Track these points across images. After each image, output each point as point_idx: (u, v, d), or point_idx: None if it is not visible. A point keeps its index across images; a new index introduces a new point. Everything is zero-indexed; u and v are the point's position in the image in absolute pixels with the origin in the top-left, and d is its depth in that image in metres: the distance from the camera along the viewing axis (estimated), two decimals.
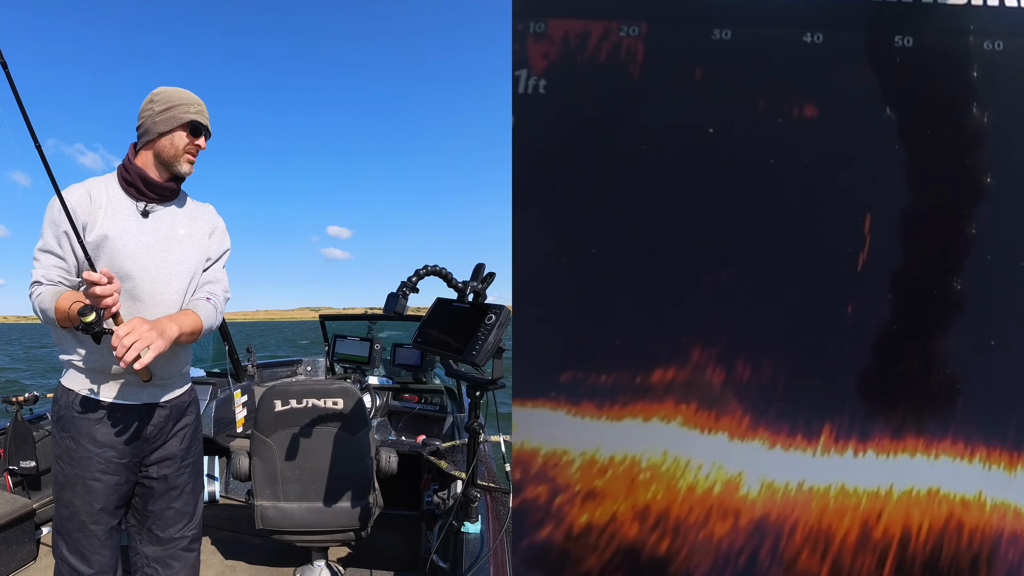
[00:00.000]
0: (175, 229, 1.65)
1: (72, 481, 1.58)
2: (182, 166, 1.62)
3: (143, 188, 1.60)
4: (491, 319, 1.36)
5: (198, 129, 1.62)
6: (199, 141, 1.63)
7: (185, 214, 1.70)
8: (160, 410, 1.67)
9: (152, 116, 1.60)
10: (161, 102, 1.60)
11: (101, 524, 1.61)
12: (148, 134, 1.61)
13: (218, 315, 1.69)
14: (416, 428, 3.40)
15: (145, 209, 1.61)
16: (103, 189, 1.58)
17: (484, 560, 1.62)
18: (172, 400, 1.70)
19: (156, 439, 1.68)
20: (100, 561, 1.63)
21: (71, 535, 1.61)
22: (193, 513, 1.78)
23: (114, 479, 1.60)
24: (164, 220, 1.64)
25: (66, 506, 1.60)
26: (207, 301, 1.66)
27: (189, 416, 1.76)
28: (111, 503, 1.62)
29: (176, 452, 1.72)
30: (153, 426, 1.66)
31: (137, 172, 1.60)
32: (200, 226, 1.71)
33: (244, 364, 3.71)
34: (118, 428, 1.59)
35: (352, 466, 2.30)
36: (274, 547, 2.72)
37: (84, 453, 1.57)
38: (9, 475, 2.79)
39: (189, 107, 1.60)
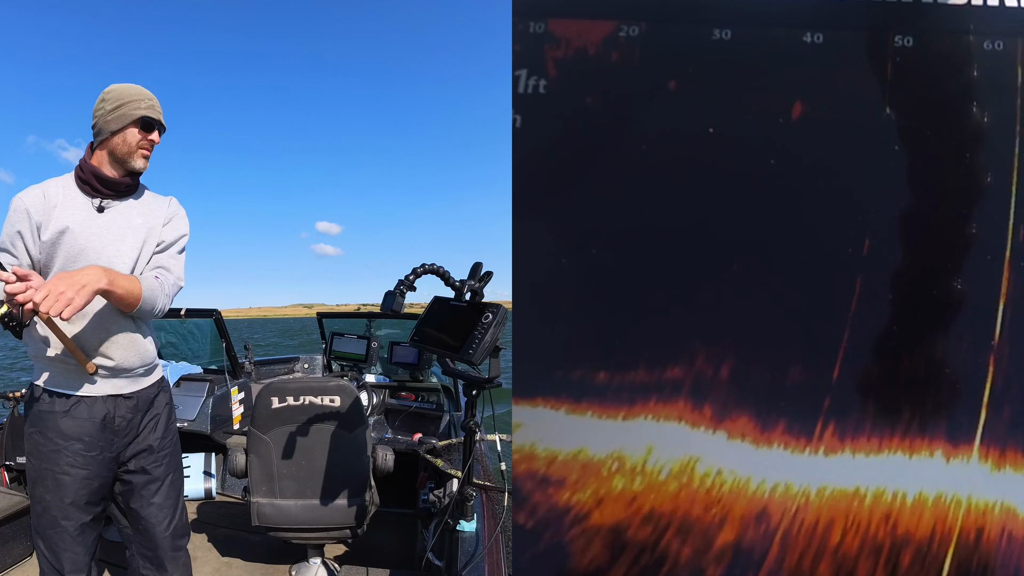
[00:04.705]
0: (130, 220, 1.65)
1: (42, 476, 1.59)
2: (136, 162, 1.63)
3: (97, 185, 1.62)
4: (488, 318, 1.36)
5: (150, 124, 1.63)
6: (152, 136, 1.64)
7: (142, 206, 1.69)
8: (126, 401, 1.66)
9: (104, 115, 1.61)
10: (112, 100, 1.61)
11: (72, 520, 1.59)
12: (101, 133, 1.62)
13: (163, 296, 1.62)
14: (413, 426, 3.40)
15: (100, 205, 1.63)
16: (60, 188, 1.61)
17: (479, 558, 1.63)
18: (138, 391, 1.68)
19: (127, 432, 1.67)
20: (72, 559, 1.60)
21: (44, 532, 1.60)
22: (175, 507, 1.75)
23: (82, 472, 1.59)
24: (120, 213, 1.65)
25: (38, 502, 1.60)
26: (155, 279, 1.62)
27: (158, 406, 1.74)
28: (81, 498, 1.60)
29: (151, 443, 1.70)
30: (121, 418, 1.65)
31: (91, 170, 1.62)
32: (155, 216, 1.70)
33: (241, 361, 3.70)
34: (83, 420, 1.59)
35: (349, 464, 2.30)
36: (270, 544, 2.71)
37: (51, 447, 1.58)
38: (5, 471, 2.78)
39: (140, 103, 1.61)
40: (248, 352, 3.84)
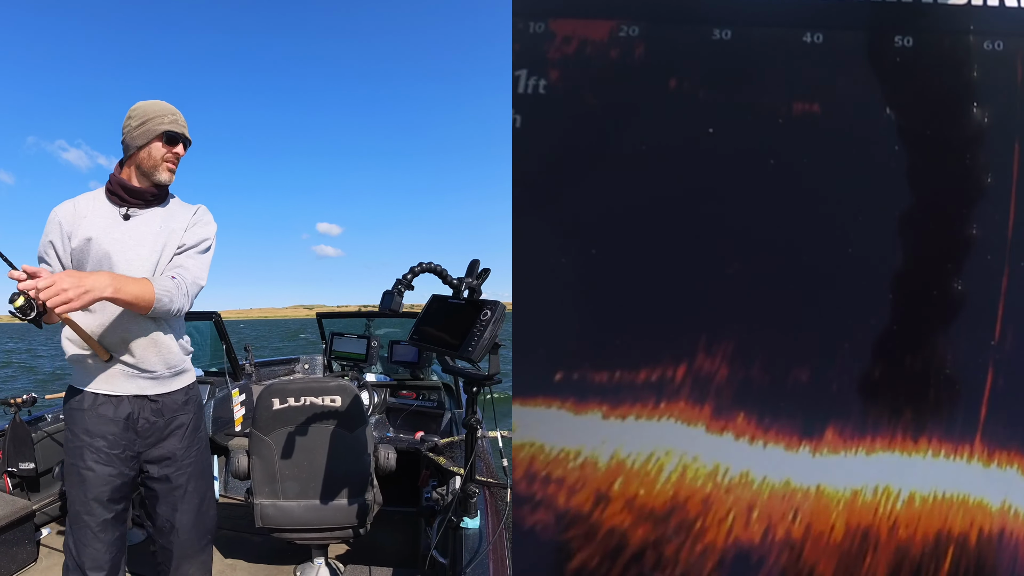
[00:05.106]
0: (152, 226, 1.72)
1: (70, 471, 1.67)
2: (161, 175, 1.71)
3: (123, 194, 1.71)
4: (487, 315, 1.37)
5: (174, 138, 1.70)
6: (176, 149, 1.71)
7: (167, 213, 1.76)
8: (151, 404, 1.71)
9: (130, 132, 1.69)
10: (137, 117, 1.69)
11: (93, 515, 1.64)
12: (129, 149, 1.71)
13: (180, 295, 1.66)
14: (414, 424, 3.40)
15: (127, 213, 1.71)
16: (90, 201, 1.72)
17: (483, 555, 1.63)
18: (164, 395, 1.73)
19: (149, 434, 1.71)
20: (92, 555, 1.65)
21: (71, 527, 1.67)
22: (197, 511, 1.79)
23: (106, 470, 1.65)
24: (144, 220, 1.72)
25: (68, 497, 1.69)
26: (171, 279, 1.67)
27: (185, 415, 1.77)
28: (103, 494, 1.65)
29: (175, 451, 1.74)
30: (144, 420, 1.70)
31: (118, 181, 1.72)
32: (178, 221, 1.76)
33: (242, 363, 3.70)
34: (108, 418, 1.66)
35: (351, 463, 2.30)
36: (274, 545, 2.71)
37: (78, 443, 1.65)
38: (8, 477, 2.78)
39: (163, 118, 1.69)
40: (248, 354, 3.85)
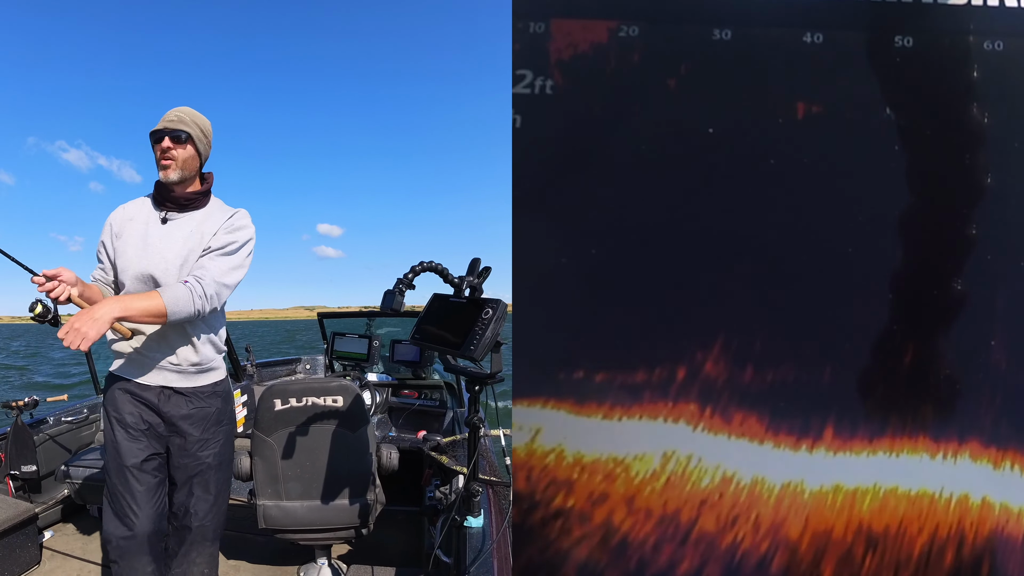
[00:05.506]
0: (183, 229, 1.83)
1: (107, 445, 1.86)
2: (161, 175, 1.81)
3: (160, 199, 1.86)
4: (488, 313, 1.37)
5: (157, 137, 1.80)
6: (162, 145, 1.79)
7: (202, 216, 1.86)
8: (176, 396, 1.84)
9: None
10: None
11: (122, 476, 1.80)
12: None
13: (197, 297, 1.72)
14: (416, 424, 3.40)
15: (165, 216, 1.85)
16: (139, 204, 1.90)
17: (487, 554, 1.63)
18: (190, 388, 1.86)
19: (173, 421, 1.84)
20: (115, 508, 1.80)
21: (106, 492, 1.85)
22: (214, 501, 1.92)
23: (134, 445, 1.81)
24: (178, 224, 1.84)
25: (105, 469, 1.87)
26: (184, 284, 1.73)
27: (209, 407, 1.89)
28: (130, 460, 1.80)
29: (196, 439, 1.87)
30: (169, 406, 1.84)
31: (157, 186, 1.87)
32: (210, 225, 1.85)
33: (243, 364, 3.71)
34: (136, 399, 1.83)
35: (353, 463, 2.30)
36: (277, 546, 2.71)
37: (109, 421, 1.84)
38: (11, 480, 2.79)
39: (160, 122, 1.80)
40: (250, 355, 3.85)
